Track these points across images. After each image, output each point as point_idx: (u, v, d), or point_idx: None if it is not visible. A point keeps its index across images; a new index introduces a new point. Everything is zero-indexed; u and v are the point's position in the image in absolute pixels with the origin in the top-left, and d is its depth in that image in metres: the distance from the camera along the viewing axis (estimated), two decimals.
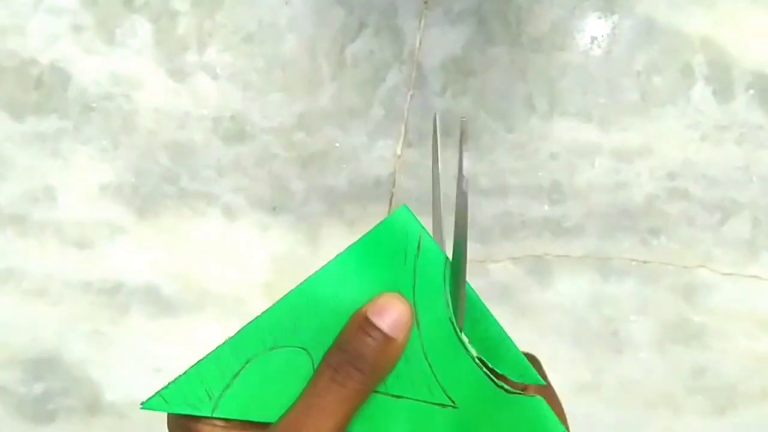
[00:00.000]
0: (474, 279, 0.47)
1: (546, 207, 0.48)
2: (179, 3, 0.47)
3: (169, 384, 0.27)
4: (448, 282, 0.29)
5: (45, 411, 0.47)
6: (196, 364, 0.27)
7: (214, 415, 0.27)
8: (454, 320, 0.29)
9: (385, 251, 0.28)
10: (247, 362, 0.27)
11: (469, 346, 0.28)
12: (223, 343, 0.27)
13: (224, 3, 0.47)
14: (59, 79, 0.47)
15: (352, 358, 0.26)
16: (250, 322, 0.27)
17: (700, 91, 0.48)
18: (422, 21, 0.48)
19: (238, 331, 0.27)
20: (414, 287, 0.28)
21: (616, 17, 0.48)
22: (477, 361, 0.28)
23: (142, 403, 0.27)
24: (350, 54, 0.47)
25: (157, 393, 0.26)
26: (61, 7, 0.47)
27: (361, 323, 0.27)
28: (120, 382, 0.47)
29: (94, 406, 0.47)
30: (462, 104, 0.48)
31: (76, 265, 0.47)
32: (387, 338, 0.27)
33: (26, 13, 0.47)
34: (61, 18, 0.47)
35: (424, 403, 0.28)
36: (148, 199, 0.47)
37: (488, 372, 0.28)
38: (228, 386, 0.27)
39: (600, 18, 0.48)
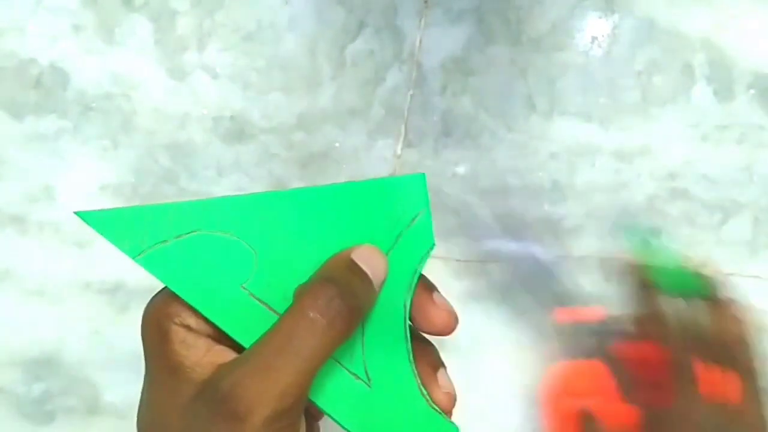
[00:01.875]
0: (474, 279, 0.47)
1: (546, 207, 0.48)
2: (179, 2, 0.47)
3: (113, 209, 0.25)
4: (421, 268, 0.27)
5: (44, 411, 0.47)
6: (142, 206, 0.25)
7: (137, 260, 0.25)
8: (408, 308, 0.27)
9: (381, 204, 0.26)
10: (191, 231, 0.25)
11: (410, 343, 0.27)
12: (178, 203, 0.25)
13: (224, 2, 0.47)
14: (58, 79, 0.47)
15: (343, 293, 0.24)
16: (212, 198, 0.26)
17: (701, 91, 0.48)
18: (422, 21, 0.48)
19: (199, 200, 0.25)
20: (388, 254, 0.27)
21: (616, 17, 0.48)
22: (413, 360, 0.27)
23: (77, 211, 0.25)
24: (350, 54, 0.47)
25: (98, 210, 0.25)
26: (60, 7, 0.47)
27: (348, 263, 0.25)
28: (119, 382, 0.47)
29: (93, 407, 0.47)
30: (462, 104, 0.48)
31: (76, 264, 0.47)
32: (371, 284, 0.25)
33: (26, 12, 0.47)
34: (60, 18, 0.47)
35: (341, 366, 0.26)
36: (147, 199, 0.47)
37: (419, 379, 0.27)
38: (164, 242, 0.25)
39: (600, 18, 0.48)
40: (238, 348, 0.25)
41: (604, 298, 0.47)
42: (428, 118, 0.47)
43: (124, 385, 0.47)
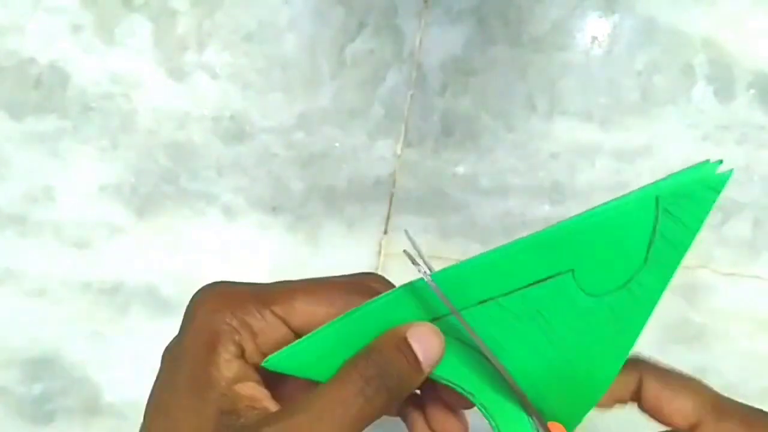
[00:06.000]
0: None
1: (547, 207, 0.48)
2: (178, 2, 0.47)
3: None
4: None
5: (44, 411, 0.47)
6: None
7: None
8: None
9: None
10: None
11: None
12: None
13: (224, 2, 0.47)
14: (58, 79, 0.47)
15: (385, 374, 0.24)
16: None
17: (701, 91, 0.48)
18: (422, 20, 0.48)
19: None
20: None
21: (616, 17, 0.48)
22: None
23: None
24: (350, 54, 0.47)
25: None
26: (60, 7, 0.47)
27: (398, 342, 0.24)
28: (119, 382, 0.47)
29: (93, 407, 0.47)
30: (462, 104, 0.47)
31: (76, 265, 0.47)
32: (419, 367, 0.24)
33: (25, 12, 0.47)
34: (60, 17, 0.47)
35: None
36: (147, 199, 0.47)
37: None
38: None
39: (601, 17, 0.48)
40: (268, 388, 0.25)
41: None
42: (428, 118, 0.47)
43: (124, 385, 0.47)
